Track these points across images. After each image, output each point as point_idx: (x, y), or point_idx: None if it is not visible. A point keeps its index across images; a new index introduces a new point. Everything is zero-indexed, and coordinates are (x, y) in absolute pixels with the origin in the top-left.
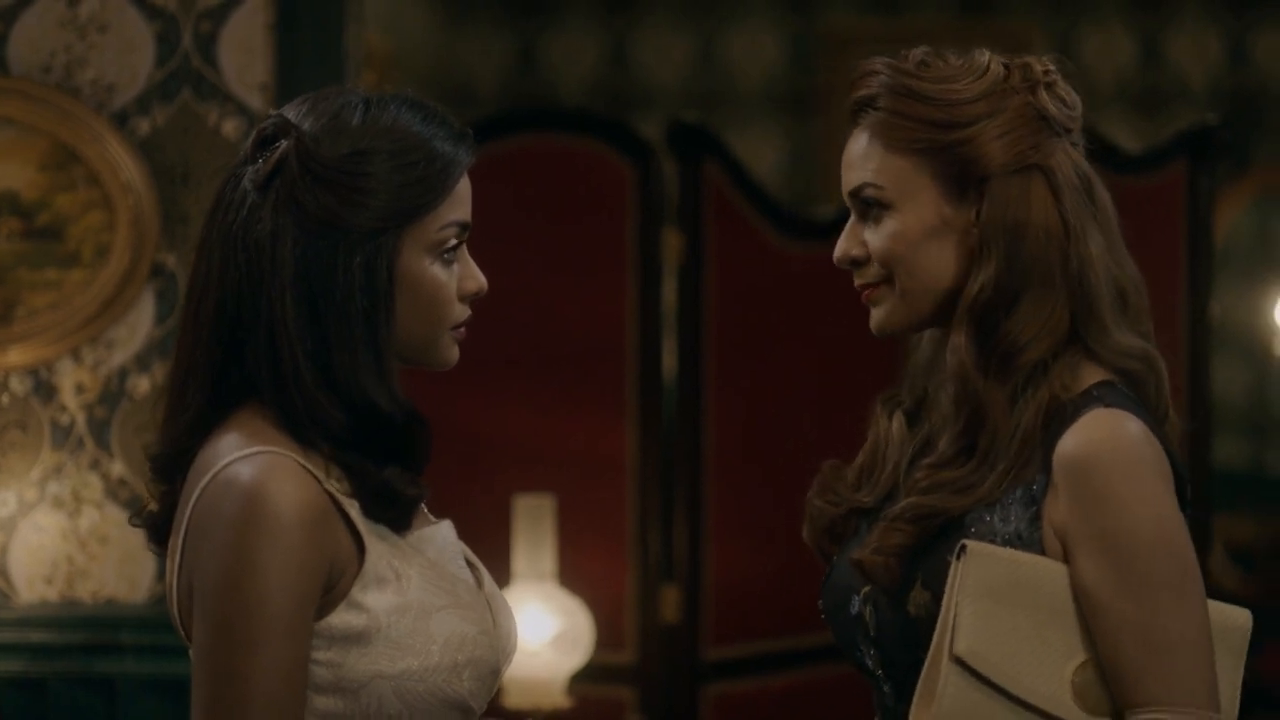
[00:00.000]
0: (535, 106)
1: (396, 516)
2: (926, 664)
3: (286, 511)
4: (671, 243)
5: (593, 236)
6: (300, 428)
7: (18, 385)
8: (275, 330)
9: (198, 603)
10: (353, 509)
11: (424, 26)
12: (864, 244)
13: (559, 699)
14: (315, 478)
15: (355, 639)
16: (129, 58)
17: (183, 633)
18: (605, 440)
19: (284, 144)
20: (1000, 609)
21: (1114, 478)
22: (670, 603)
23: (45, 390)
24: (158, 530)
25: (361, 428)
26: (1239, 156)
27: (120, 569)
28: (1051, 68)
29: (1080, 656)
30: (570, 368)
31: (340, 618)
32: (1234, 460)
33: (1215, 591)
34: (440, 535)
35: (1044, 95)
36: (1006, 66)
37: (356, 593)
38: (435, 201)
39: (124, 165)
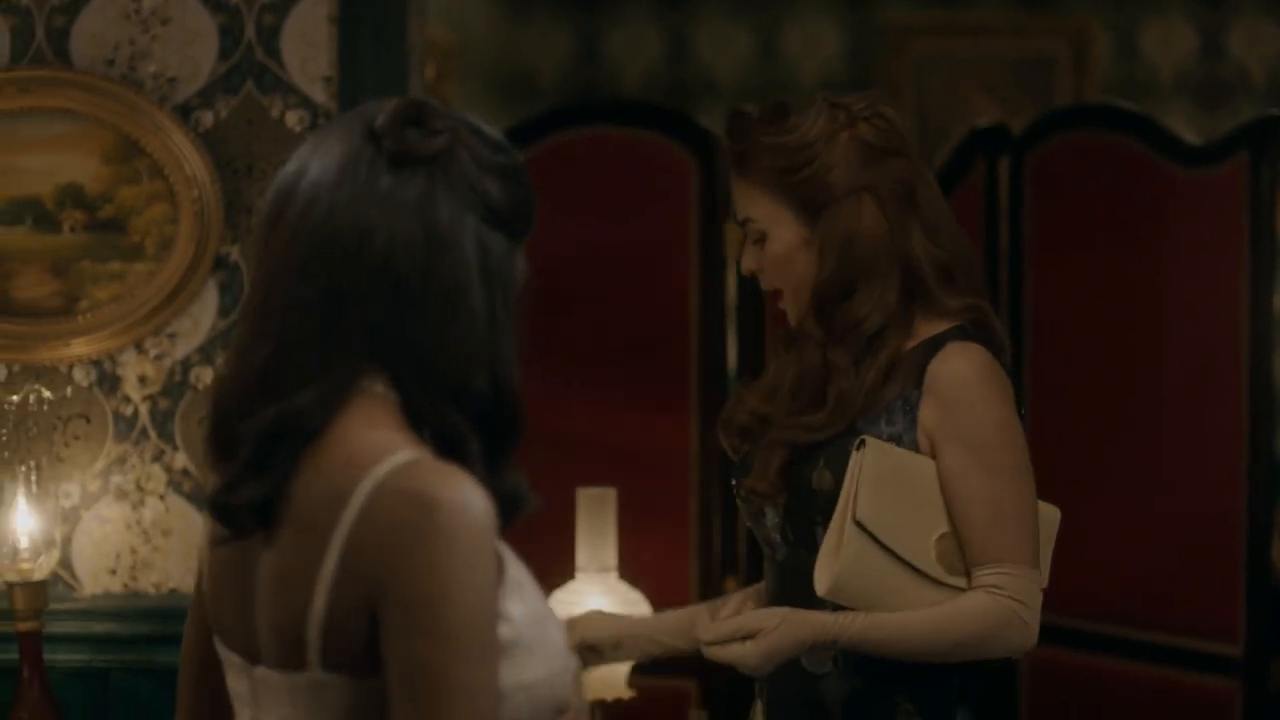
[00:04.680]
0: (597, 99)
1: (516, 517)
2: (831, 530)
3: (479, 520)
4: (733, 235)
5: (655, 228)
6: (422, 417)
7: (81, 377)
8: (460, 306)
9: (405, 622)
10: None
11: (486, 20)
12: (756, 259)
13: (622, 690)
14: None
15: (504, 650)
16: (192, 50)
17: (316, 649)
18: (667, 433)
19: (445, 132)
20: (887, 489)
21: (969, 388)
22: None
23: (109, 382)
24: (260, 518)
25: (497, 416)
26: None
27: (183, 561)
28: (866, 104)
29: (942, 529)
30: (632, 360)
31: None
32: None
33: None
34: None
35: (863, 127)
36: (833, 108)
37: (503, 602)
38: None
39: (187, 158)
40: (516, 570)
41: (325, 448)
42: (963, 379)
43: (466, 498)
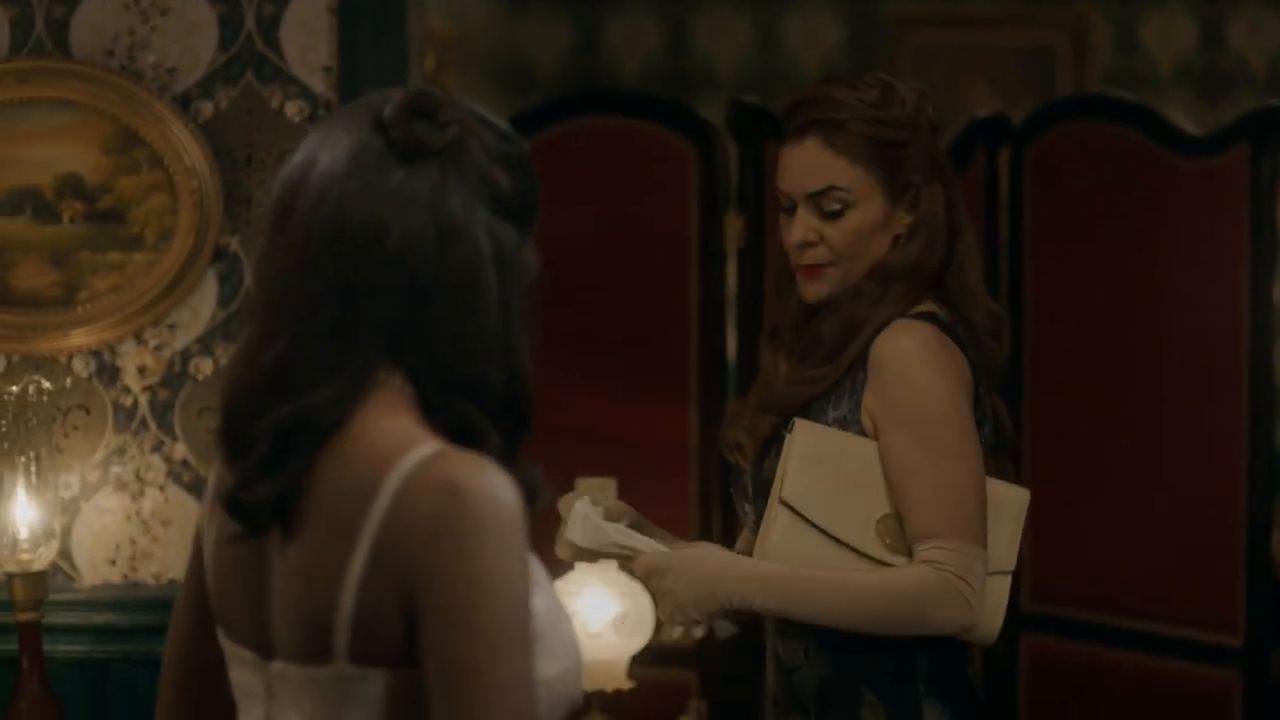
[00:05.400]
0: (596, 89)
1: (530, 510)
2: (766, 512)
3: (509, 510)
4: (732, 225)
5: (654, 219)
6: (438, 411)
7: (81, 367)
8: (473, 298)
9: (440, 615)
10: None
11: (485, 10)
12: (818, 231)
13: (621, 681)
14: None
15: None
16: (191, 41)
17: (344, 643)
18: (667, 424)
19: (455, 123)
20: (820, 470)
21: (907, 362)
22: None
23: (108, 373)
24: (277, 515)
25: (511, 409)
26: None
27: (183, 551)
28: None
29: (884, 510)
30: (632, 351)
31: None
32: None
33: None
34: None
35: (929, 109)
36: (910, 88)
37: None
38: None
39: (187, 148)
40: (534, 566)
41: (344, 442)
42: (902, 353)
43: (495, 487)
